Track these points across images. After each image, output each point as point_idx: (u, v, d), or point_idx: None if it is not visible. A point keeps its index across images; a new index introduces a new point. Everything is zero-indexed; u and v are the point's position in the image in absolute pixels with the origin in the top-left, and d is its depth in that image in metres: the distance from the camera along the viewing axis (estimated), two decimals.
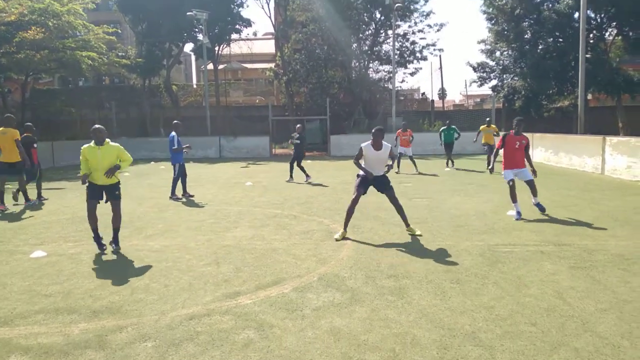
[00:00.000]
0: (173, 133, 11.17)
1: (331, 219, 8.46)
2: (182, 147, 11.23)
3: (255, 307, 4.41)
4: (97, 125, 6.50)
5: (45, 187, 13.55)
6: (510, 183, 8.32)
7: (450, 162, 17.40)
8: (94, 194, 6.53)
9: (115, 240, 6.69)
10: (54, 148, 22.18)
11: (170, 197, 11.20)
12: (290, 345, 3.65)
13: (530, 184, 8.36)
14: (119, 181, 6.73)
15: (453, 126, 17.46)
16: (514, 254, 5.94)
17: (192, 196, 11.42)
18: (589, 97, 35.82)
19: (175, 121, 11.70)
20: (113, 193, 6.64)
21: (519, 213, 8.12)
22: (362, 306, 4.38)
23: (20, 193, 10.90)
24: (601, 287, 4.75)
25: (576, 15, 29.20)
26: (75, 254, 6.46)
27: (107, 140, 6.47)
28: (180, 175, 11.33)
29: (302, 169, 14.04)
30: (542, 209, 8.36)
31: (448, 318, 4.08)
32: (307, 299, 4.60)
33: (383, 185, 7.21)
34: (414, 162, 16.10)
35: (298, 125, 14.38)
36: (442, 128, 17.61)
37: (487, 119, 17.54)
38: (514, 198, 8.27)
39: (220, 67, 39.63)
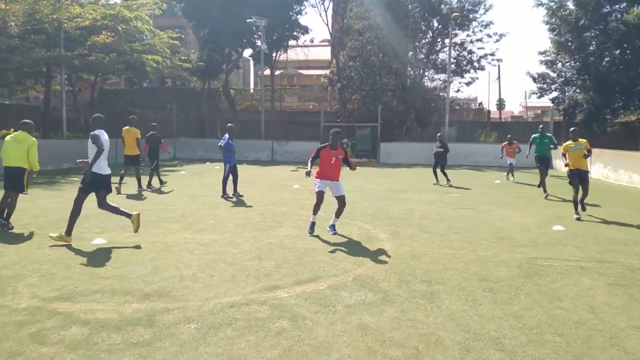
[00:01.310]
0: (226, 135, 11.76)
1: (372, 224, 8.64)
2: (225, 149, 11.61)
3: (291, 300, 4.69)
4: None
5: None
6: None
7: (543, 188, 12.84)
8: None
9: None
10: (117, 145, 23.47)
11: (222, 196, 11.72)
12: (320, 336, 3.90)
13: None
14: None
15: (548, 134, 13.75)
16: (553, 268, 5.93)
17: (242, 196, 11.91)
18: None
19: (229, 124, 12.30)
20: None
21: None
22: (392, 307, 4.57)
23: (136, 179, 13.03)
24: (638, 305, 4.71)
25: None
26: (132, 243, 6.98)
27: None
28: (230, 175, 11.85)
29: (444, 174, 15.47)
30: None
31: (475, 323, 4.20)
32: (340, 296, 4.83)
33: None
34: (512, 171, 17.28)
35: (439, 134, 17.00)
36: (534, 136, 13.61)
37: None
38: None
39: (277, 72, 40.59)
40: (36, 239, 7.19)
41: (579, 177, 9.48)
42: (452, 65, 31.27)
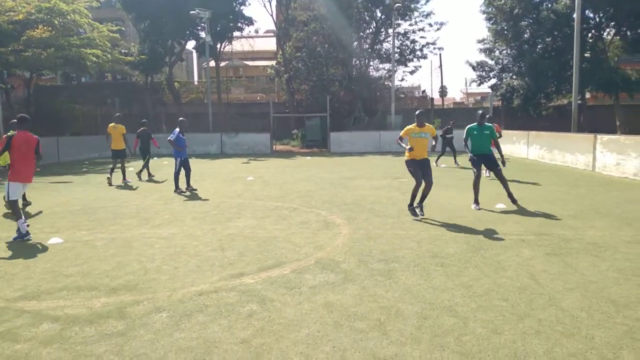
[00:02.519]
0: (176, 129, 11.72)
1: (328, 210, 8.93)
2: (175, 144, 11.60)
3: (257, 286, 4.90)
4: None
5: (53, 181, 14.05)
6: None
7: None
8: None
9: None
10: (59, 143, 22.63)
11: (175, 191, 11.68)
12: (289, 315, 4.14)
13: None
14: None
15: (489, 124, 9.61)
16: (497, 242, 6.42)
17: (195, 190, 11.91)
18: (588, 95, 36.26)
19: (180, 118, 12.25)
20: None
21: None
22: (354, 285, 4.87)
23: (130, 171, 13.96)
24: (572, 270, 5.23)
25: (574, 15, 29.62)
26: (90, 241, 6.94)
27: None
28: (181, 169, 11.83)
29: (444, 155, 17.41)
30: None
31: (430, 295, 4.56)
32: (304, 279, 5.08)
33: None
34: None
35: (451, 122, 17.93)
36: (470, 127, 9.58)
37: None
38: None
39: (222, 64, 40.11)
40: None
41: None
42: (396, 55, 32.03)
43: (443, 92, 52.14)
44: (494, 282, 4.87)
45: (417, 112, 8.40)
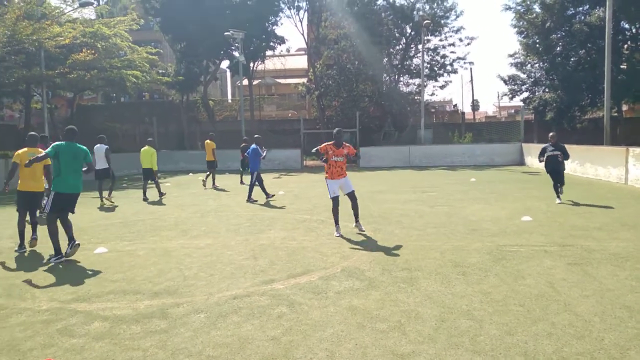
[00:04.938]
0: (254, 145, 13.11)
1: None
2: (263, 155, 13.22)
3: (287, 291, 5.25)
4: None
5: (95, 196, 14.84)
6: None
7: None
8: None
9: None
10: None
11: (248, 200, 12.91)
12: (315, 317, 4.47)
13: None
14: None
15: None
16: (519, 253, 6.60)
17: (256, 201, 12.91)
18: (625, 107, 35.53)
19: (256, 135, 13.77)
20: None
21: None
22: (377, 291, 5.17)
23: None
24: (591, 279, 5.38)
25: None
26: (132, 251, 7.46)
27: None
28: (258, 180, 13.08)
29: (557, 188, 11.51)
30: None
31: (449, 300, 4.81)
32: (330, 285, 5.41)
33: None
34: None
35: (551, 134, 16.16)
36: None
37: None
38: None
39: (255, 82, 41.18)
40: (35, 253, 7.60)
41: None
42: (426, 70, 32.29)
43: (475, 106, 51.86)
44: (512, 289, 5.09)
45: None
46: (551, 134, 11.28)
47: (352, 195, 8.36)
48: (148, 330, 4.30)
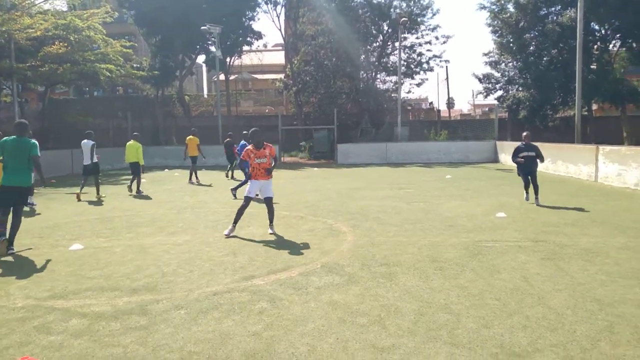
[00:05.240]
0: (244, 141, 12.97)
1: (334, 219, 9.30)
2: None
3: (267, 287, 5.27)
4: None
5: (69, 192, 14.55)
6: None
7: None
8: None
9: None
10: (73, 155, 23.23)
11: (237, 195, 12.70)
12: (296, 312, 4.51)
13: None
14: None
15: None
16: (494, 248, 6.76)
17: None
18: (595, 107, 36.48)
19: (245, 131, 13.58)
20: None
21: None
22: (357, 286, 5.23)
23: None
24: (563, 273, 5.55)
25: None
26: (109, 247, 7.36)
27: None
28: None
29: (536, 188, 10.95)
30: None
31: (427, 294, 4.91)
32: (311, 280, 5.45)
33: None
34: None
35: (525, 133, 15.56)
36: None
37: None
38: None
39: (232, 77, 40.85)
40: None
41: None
42: (403, 68, 32.53)
43: (450, 103, 52.54)
44: (488, 284, 5.21)
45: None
46: (525, 133, 11.26)
47: (269, 201, 8.10)
48: (128, 326, 4.27)
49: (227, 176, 18.66)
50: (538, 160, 10.88)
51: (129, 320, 4.41)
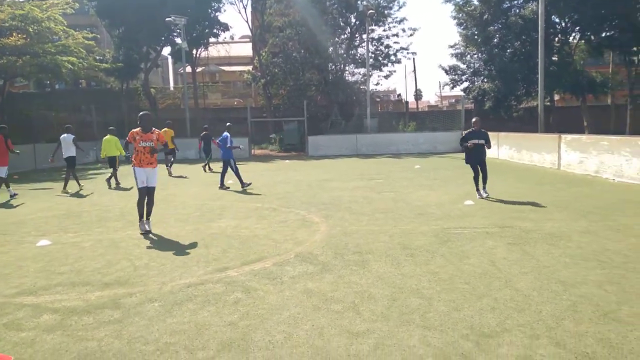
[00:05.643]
0: (226, 133, 12.90)
1: (306, 210, 9.34)
2: (234, 146, 13.15)
3: (241, 277, 5.29)
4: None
5: (32, 188, 14.16)
6: None
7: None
8: None
9: None
10: (35, 150, 22.54)
11: (245, 186, 12.86)
12: (272, 301, 4.55)
13: None
14: None
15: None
16: (463, 235, 6.94)
17: (228, 188, 12.99)
18: (557, 97, 37.53)
19: (228, 123, 13.63)
20: None
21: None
22: (331, 274, 5.30)
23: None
24: (529, 257, 5.76)
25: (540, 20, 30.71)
26: (77, 242, 7.22)
27: None
28: (229, 168, 13.06)
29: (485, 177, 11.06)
30: None
31: (399, 280, 5.02)
32: (285, 270, 5.49)
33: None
34: None
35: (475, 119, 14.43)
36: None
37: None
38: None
39: (199, 70, 40.24)
40: None
41: None
42: (371, 60, 32.70)
43: (418, 95, 53.14)
44: (458, 269, 5.36)
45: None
46: (474, 119, 10.46)
47: (151, 192, 7.91)
48: (101, 320, 4.23)
49: (204, 170, 18.47)
50: (486, 147, 10.34)
51: (102, 315, 4.36)
